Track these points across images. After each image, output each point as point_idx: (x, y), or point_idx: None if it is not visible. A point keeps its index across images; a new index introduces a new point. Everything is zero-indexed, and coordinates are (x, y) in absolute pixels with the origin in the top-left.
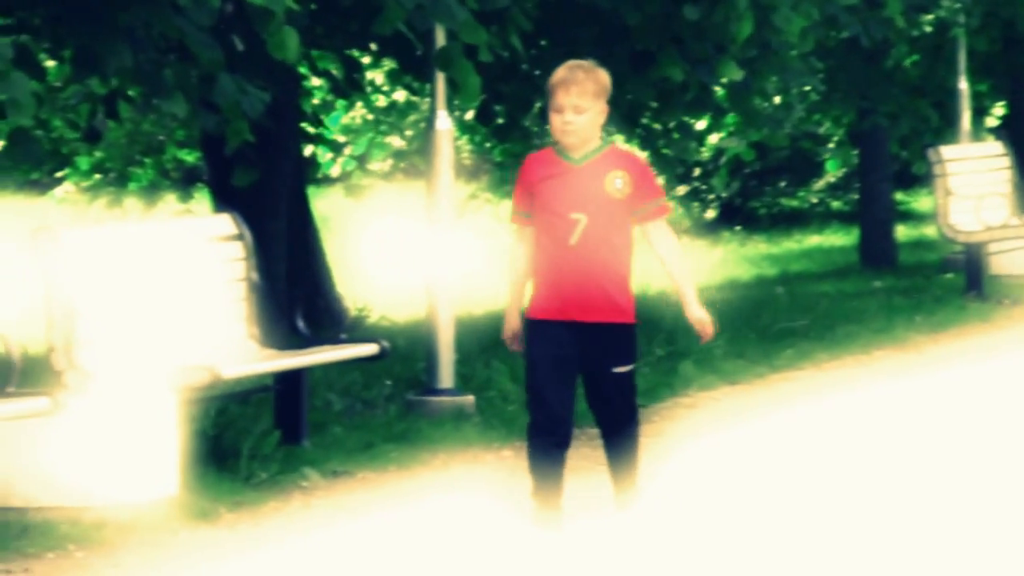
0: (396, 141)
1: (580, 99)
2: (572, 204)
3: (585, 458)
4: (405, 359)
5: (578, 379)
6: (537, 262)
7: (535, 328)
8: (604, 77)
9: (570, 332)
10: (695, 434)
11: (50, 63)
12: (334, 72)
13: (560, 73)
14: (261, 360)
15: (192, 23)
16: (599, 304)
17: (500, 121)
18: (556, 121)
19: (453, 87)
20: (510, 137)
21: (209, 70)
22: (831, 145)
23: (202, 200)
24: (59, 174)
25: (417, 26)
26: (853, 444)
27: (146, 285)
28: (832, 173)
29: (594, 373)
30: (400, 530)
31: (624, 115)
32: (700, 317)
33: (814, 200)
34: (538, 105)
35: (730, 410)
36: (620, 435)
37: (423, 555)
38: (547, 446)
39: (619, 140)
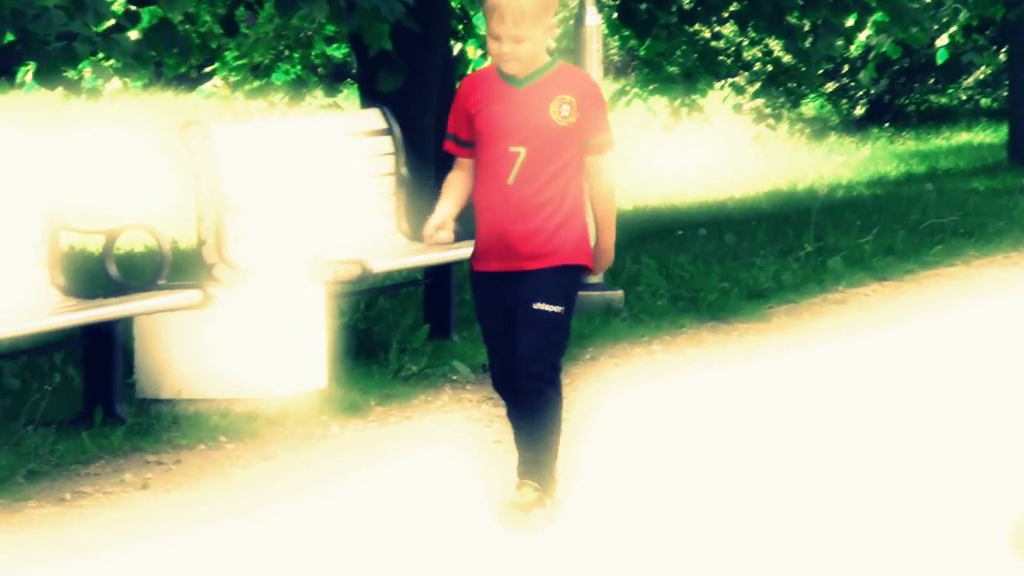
0: None
1: (517, 28)
2: (511, 135)
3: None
4: None
5: None
6: (476, 204)
7: (477, 281)
8: None
9: (512, 281)
10: (845, 332)
11: None
12: None
13: None
14: (410, 254)
15: None
16: (541, 251)
17: (643, 18)
18: (493, 48)
19: None
20: (651, 34)
21: None
22: (941, 41)
23: (351, 95)
24: (207, 69)
25: None
26: (1008, 347)
27: (295, 179)
28: (981, 71)
29: (517, 313)
30: None
31: (769, 15)
32: (605, 257)
33: (963, 97)
34: (681, 3)
35: (880, 307)
36: (530, 398)
37: (569, 448)
38: (509, 399)
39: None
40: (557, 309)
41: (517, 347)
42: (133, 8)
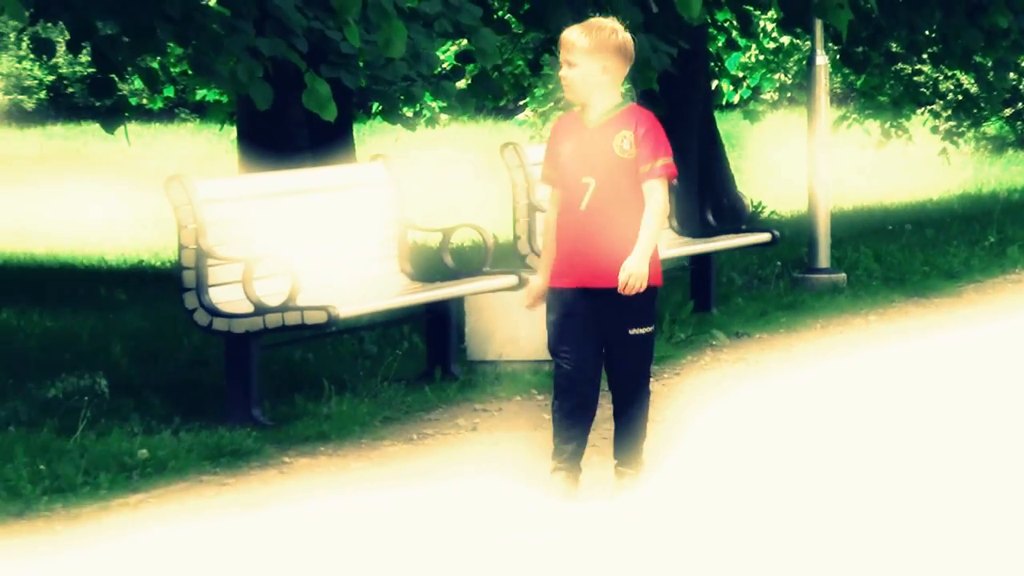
0: (782, 76)
1: (570, 55)
2: (582, 167)
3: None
4: (791, 244)
5: (601, 345)
6: (557, 228)
7: (552, 296)
8: (604, 36)
9: (586, 298)
10: (1023, 307)
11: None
12: (733, 23)
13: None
14: (679, 246)
15: None
16: (611, 271)
17: (859, 59)
18: (560, 75)
19: (831, 29)
20: (865, 71)
21: (630, 29)
22: None
23: None
24: (521, 103)
25: None
26: None
27: None
28: None
29: (611, 336)
30: (791, 381)
31: (959, 55)
32: (633, 270)
33: None
34: (891, 45)
35: None
36: (629, 403)
37: (810, 406)
38: (566, 408)
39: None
40: (647, 331)
41: (617, 365)
42: (458, 64)
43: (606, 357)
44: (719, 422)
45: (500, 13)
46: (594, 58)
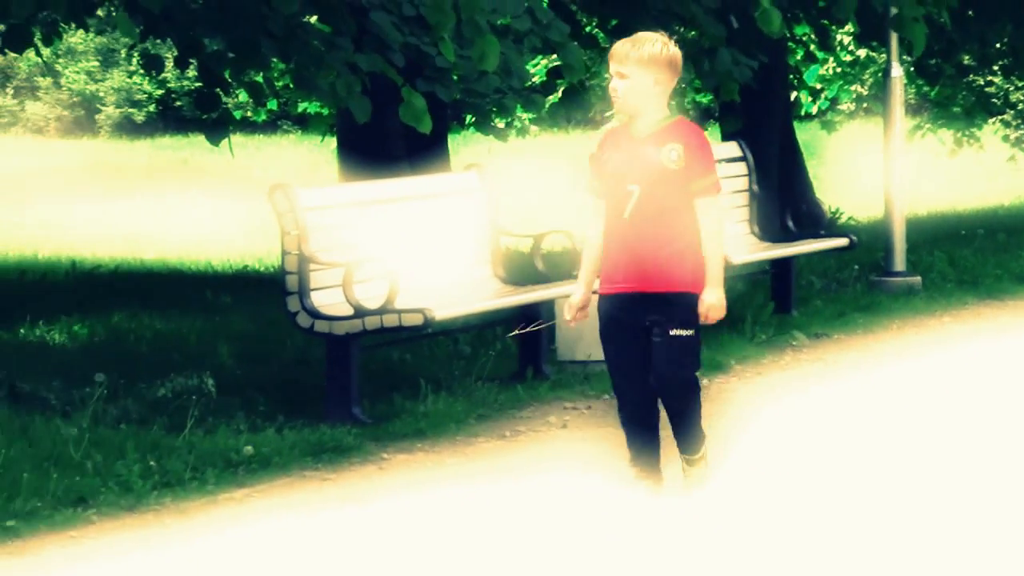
0: (858, 88)
1: (621, 66)
2: (628, 176)
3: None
4: (868, 249)
5: (648, 350)
6: (604, 235)
7: (601, 303)
8: (656, 49)
9: (632, 303)
10: None
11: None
12: (812, 37)
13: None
14: (760, 250)
15: (701, 5)
16: (655, 276)
17: (933, 71)
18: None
19: (906, 42)
20: (939, 82)
21: (713, 44)
22: None
23: (714, 132)
24: (608, 113)
25: (876, 6)
26: None
27: None
28: None
29: (654, 337)
30: (868, 380)
31: None
32: (712, 302)
33: None
34: (963, 58)
35: None
36: (678, 402)
37: (886, 404)
38: (628, 417)
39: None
40: (689, 334)
41: (660, 367)
42: (547, 80)
43: (652, 361)
44: (798, 419)
45: (588, 28)
46: (648, 70)
